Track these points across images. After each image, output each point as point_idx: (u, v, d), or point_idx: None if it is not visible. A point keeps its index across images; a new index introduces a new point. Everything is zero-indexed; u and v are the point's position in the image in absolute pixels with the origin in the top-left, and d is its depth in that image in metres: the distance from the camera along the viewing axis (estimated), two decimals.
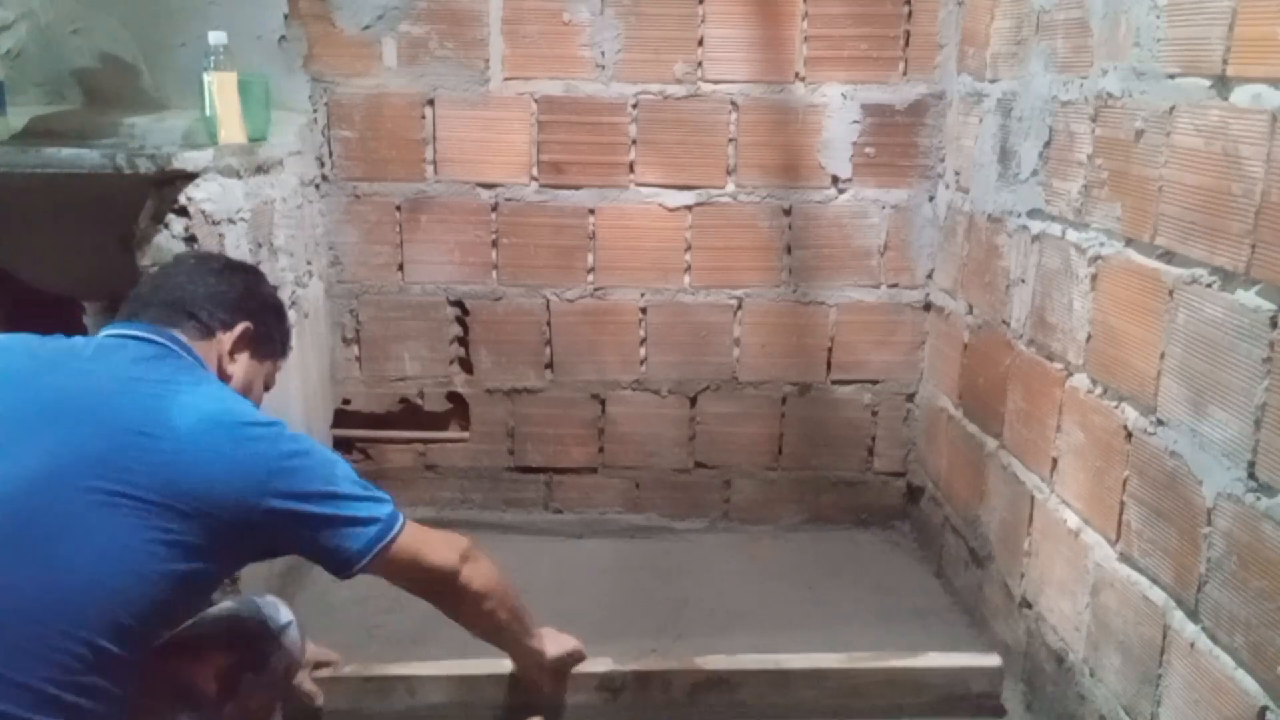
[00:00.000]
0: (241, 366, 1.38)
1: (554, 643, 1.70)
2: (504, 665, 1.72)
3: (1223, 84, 1.33)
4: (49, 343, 1.24)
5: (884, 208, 2.49)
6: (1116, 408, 1.59)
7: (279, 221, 2.16)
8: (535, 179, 2.46)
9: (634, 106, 2.42)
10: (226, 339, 1.36)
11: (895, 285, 2.53)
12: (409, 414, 2.59)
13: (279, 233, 2.16)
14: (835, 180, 2.47)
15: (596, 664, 1.77)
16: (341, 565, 1.28)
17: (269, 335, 1.44)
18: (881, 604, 2.28)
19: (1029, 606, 1.90)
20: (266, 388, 1.50)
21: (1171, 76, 1.45)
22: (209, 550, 1.15)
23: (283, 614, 1.43)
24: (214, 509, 1.14)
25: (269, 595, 1.47)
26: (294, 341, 2.23)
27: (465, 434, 2.60)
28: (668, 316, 2.53)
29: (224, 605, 1.43)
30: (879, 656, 1.86)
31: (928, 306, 2.54)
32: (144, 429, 1.14)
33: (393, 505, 1.33)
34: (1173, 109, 1.44)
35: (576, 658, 1.74)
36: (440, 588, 1.42)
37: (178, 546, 1.12)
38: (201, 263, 1.44)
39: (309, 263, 2.37)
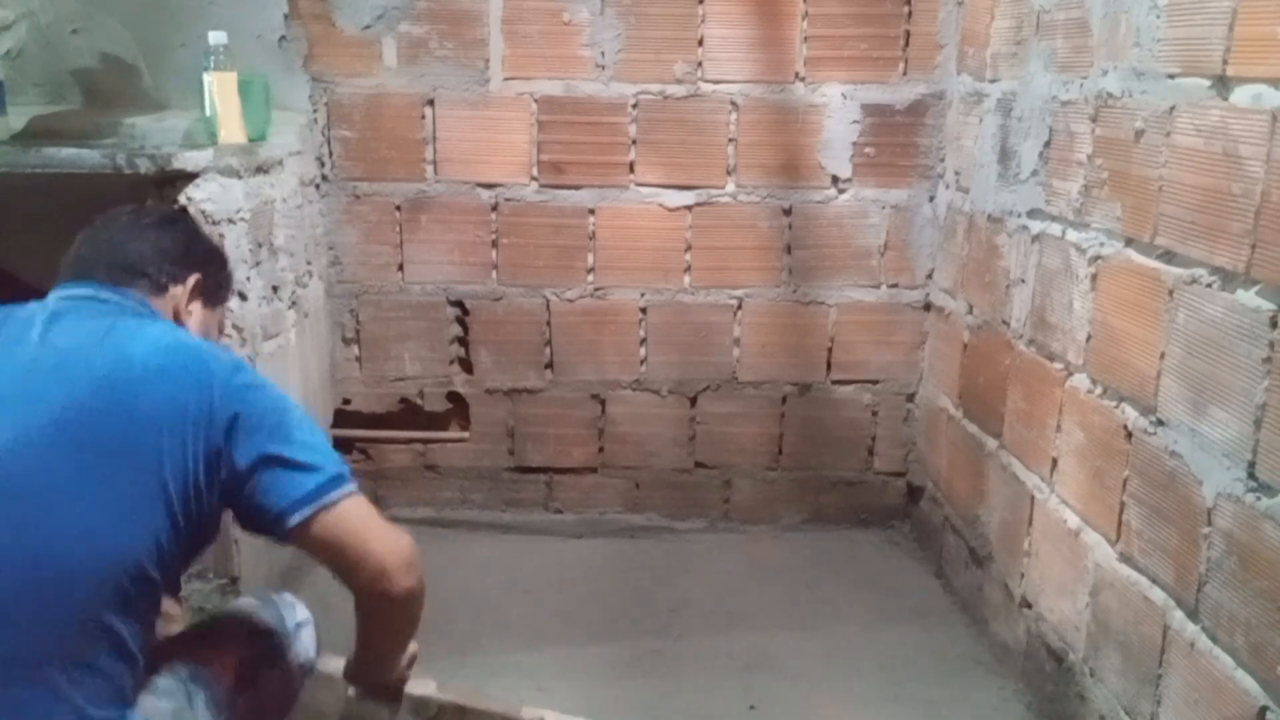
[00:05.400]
0: (196, 317, 1.40)
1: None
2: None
3: (1223, 84, 1.33)
4: (8, 319, 1.26)
5: (884, 208, 2.49)
6: (1116, 408, 1.59)
7: (279, 221, 2.16)
8: (535, 179, 2.46)
9: (634, 106, 2.42)
10: (180, 291, 1.37)
11: (895, 285, 2.53)
12: (409, 414, 2.59)
13: (279, 233, 2.16)
14: (835, 180, 2.47)
15: (417, 686, 1.60)
16: (280, 514, 1.18)
17: (217, 283, 1.46)
18: (881, 604, 2.28)
19: (1029, 606, 1.90)
20: (220, 331, 1.53)
21: (1171, 76, 1.45)
22: (184, 487, 1.16)
23: (299, 613, 1.44)
24: (179, 434, 1.15)
25: (286, 594, 1.48)
26: (293, 339, 2.25)
27: (465, 434, 2.60)
28: (668, 316, 2.53)
29: (244, 601, 1.45)
30: None
31: (928, 306, 2.54)
32: (110, 371, 1.16)
33: (347, 467, 1.24)
34: (1173, 109, 1.44)
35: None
36: (373, 577, 1.23)
37: (158, 488, 1.13)
38: (137, 217, 1.42)
39: (309, 263, 2.37)
